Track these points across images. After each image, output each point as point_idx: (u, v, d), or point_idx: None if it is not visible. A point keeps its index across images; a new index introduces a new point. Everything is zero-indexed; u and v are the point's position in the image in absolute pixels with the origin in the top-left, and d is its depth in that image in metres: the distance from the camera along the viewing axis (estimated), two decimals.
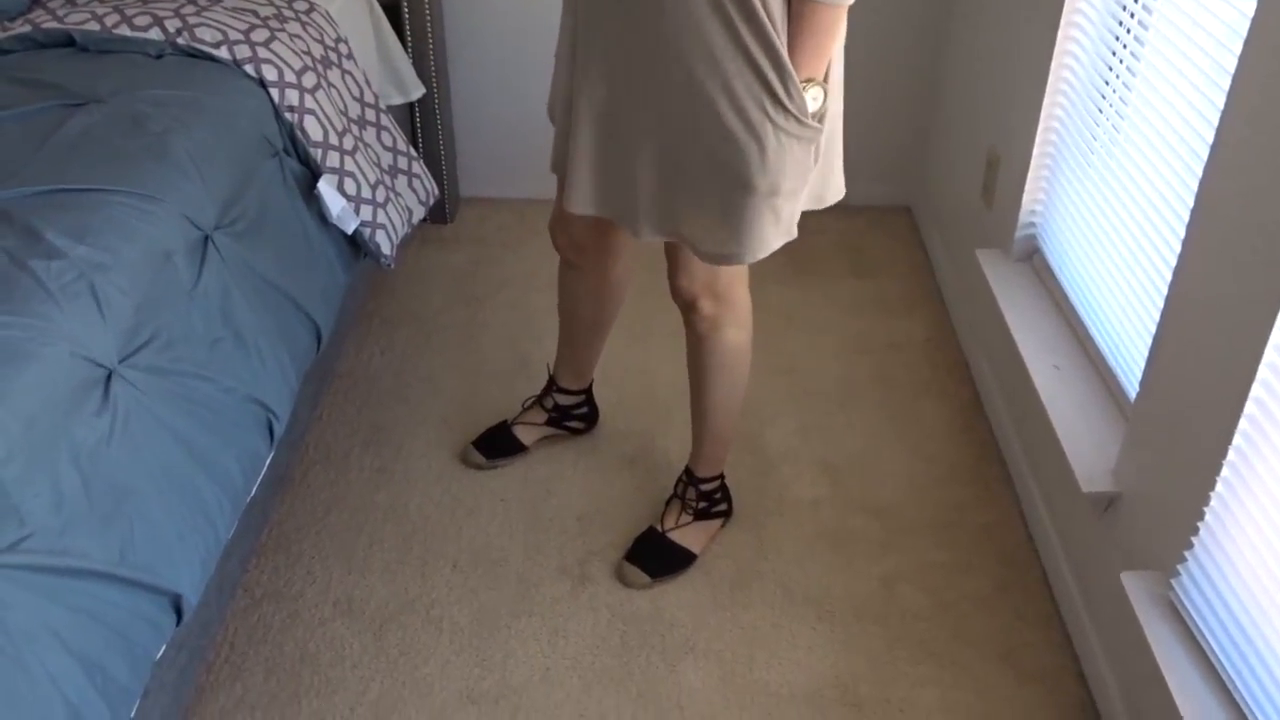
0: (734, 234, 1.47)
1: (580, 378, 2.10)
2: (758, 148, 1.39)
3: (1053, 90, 1.98)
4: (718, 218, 1.46)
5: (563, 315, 2.01)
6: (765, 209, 1.45)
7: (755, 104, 1.37)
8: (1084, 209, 1.89)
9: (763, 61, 1.35)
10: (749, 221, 1.46)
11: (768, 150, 1.39)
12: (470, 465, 2.08)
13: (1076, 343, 1.91)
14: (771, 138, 1.39)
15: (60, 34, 1.86)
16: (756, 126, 1.38)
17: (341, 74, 2.09)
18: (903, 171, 2.93)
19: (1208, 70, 1.48)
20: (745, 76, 1.36)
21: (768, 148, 1.39)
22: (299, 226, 1.86)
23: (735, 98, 1.36)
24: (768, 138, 1.39)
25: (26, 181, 1.46)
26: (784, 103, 1.37)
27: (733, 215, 1.45)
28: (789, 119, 1.39)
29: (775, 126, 1.39)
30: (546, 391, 2.11)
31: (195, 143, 1.65)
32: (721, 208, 1.45)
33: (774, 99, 1.37)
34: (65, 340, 1.27)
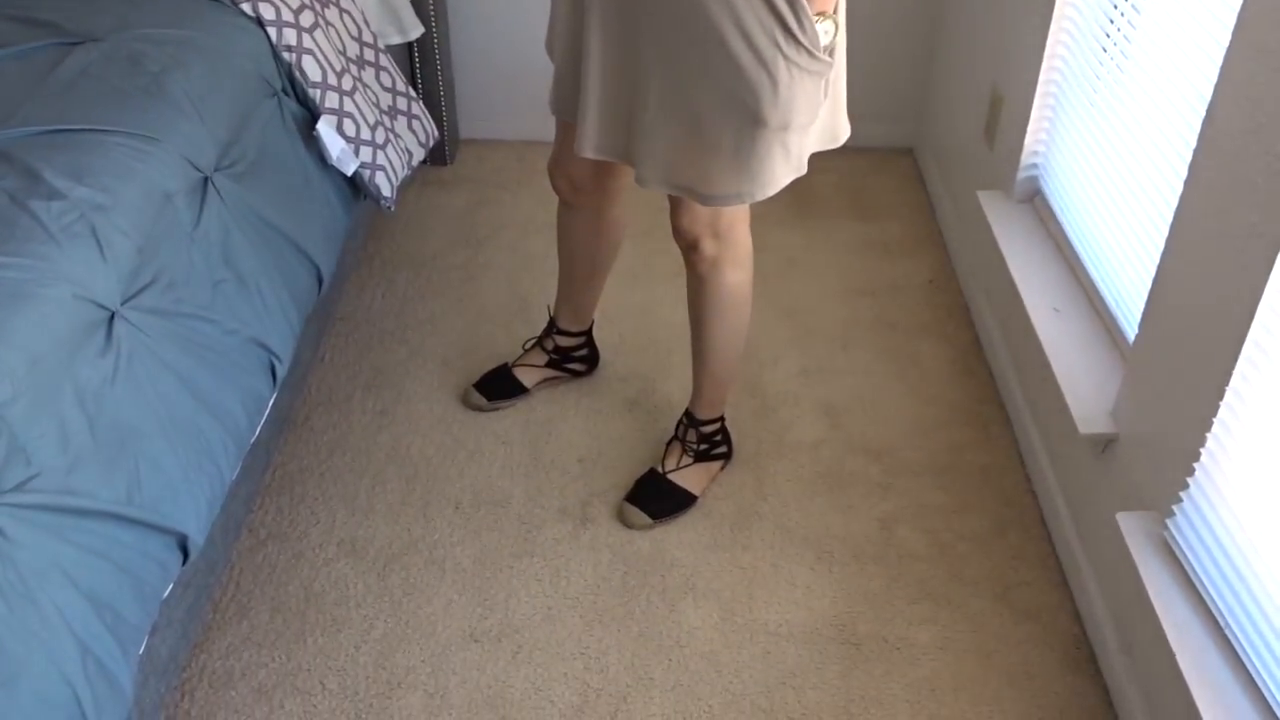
0: (745, 171, 1.46)
1: (580, 319, 2.10)
2: (770, 81, 1.38)
3: (1056, 30, 1.96)
4: (729, 156, 1.45)
5: (562, 256, 2.00)
6: (776, 144, 1.45)
7: (767, 37, 1.36)
8: (1086, 150, 1.88)
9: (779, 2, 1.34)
10: (760, 157, 1.45)
11: (779, 84, 1.39)
12: (471, 407, 2.09)
13: (1077, 285, 1.91)
14: (784, 71, 1.38)
15: None
16: (768, 60, 1.37)
17: (339, 13, 2.06)
18: (904, 113, 2.91)
19: (1211, 7, 1.46)
20: (757, 9, 1.35)
21: (779, 81, 1.38)
22: (299, 168, 1.85)
23: (746, 31, 1.35)
24: (779, 71, 1.38)
25: (25, 121, 1.45)
26: (796, 35, 1.36)
27: (744, 151, 1.44)
28: (801, 52, 1.38)
29: (787, 60, 1.38)
30: (547, 333, 2.11)
31: (193, 83, 1.64)
32: (734, 145, 1.44)
33: (786, 31, 1.36)
34: (67, 281, 1.27)
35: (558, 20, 1.61)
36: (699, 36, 1.38)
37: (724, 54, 1.37)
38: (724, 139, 1.44)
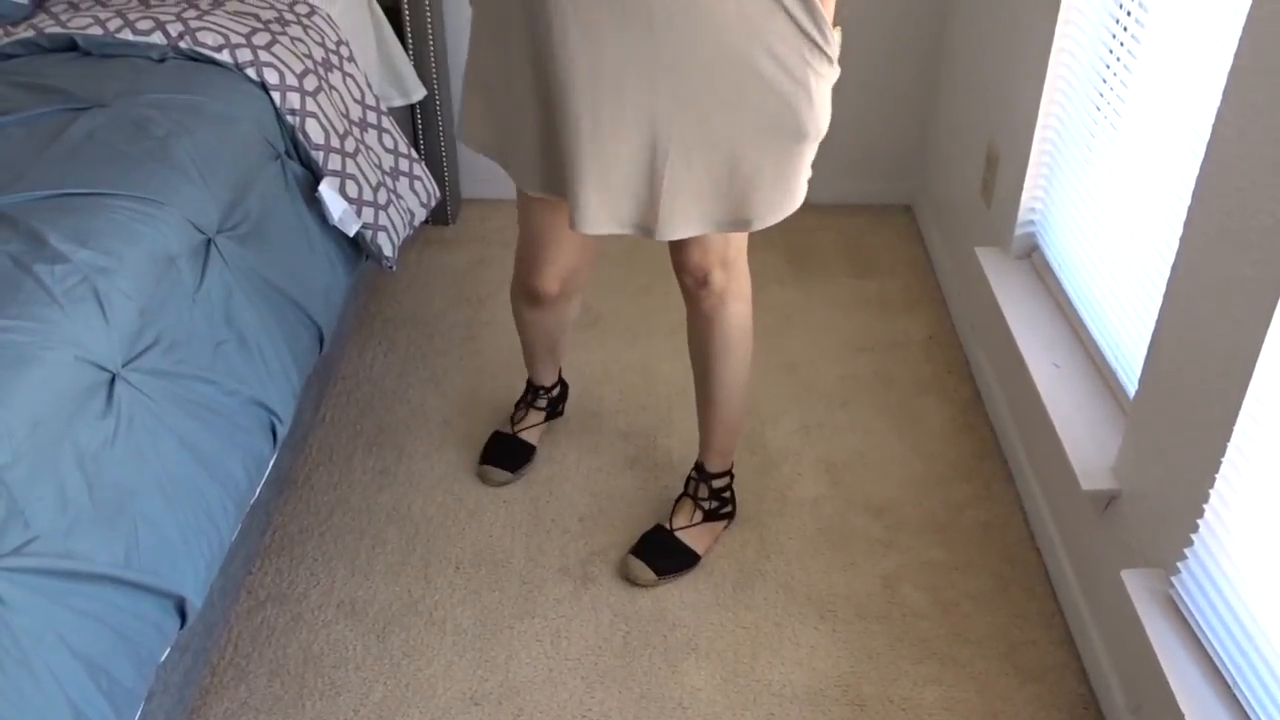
0: (786, 188, 1.50)
1: (556, 372, 2.13)
2: (806, 95, 1.42)
3: (1050, 88, 1.98)
4: (772, 179, 1.47)
5: (536, 343, 1.99)
6: (810, 155, 1.51)
7: (797, 56, 1.39)
8: (1082, 206, 1.90)
9: (799, 14, 1.37)
10: (799, 171, 1.50)
11: (814, 96, 1.43)
12: (495, 484, 2.06)
13: (1076, 340, 1.92)
14: (814, 82, 1.42)
15: (63, 38, 1.86)
16: (801, 77, 1.41)
17: (343, 76, 2.09)
18: (902, 169, 2.93)
19: (1203, 67, 1.49)
20: (785, 33, 1.37)
21: (813, 93, 1.43)
22: (301, 229, 1.87)
23: (777, 55, 1.38)
24: (811, 84, 1.42)
25: (31, 185, 1.47)
26: (822, 47, 1.41)
27: (786, 169, 1.48)
28: (824, 62, 1.42)
29: (815, 73, 1.42)
30: (535, 395, 2.12)
31: (198, 146, 1.66)
32: (775, 166, 1.47)
33: (813, 45, 1.40)
34: (69, 344, 1.28)
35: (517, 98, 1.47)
36: (729, 73, 1.38)
37: (760, 83, 1.39)
38: (766, 163, 1.46)
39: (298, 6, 2.10)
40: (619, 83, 1.37)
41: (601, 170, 1.44)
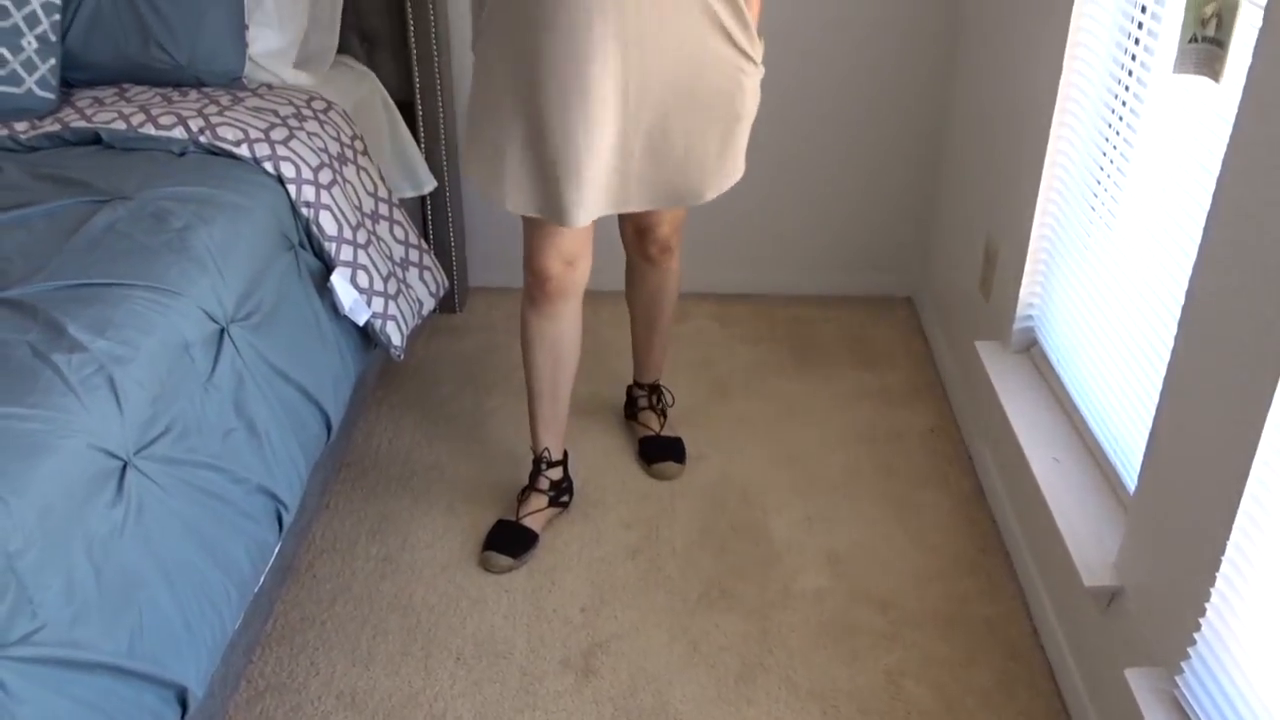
0: (735, 159, 1.89)
1: (560, 439, 2.16)
2: (739, 89, 1.82)
3: (1047, 186, 2.03)
4: (715, 158, 1.86)
5: (542, 372, 2.06)
6: (743, 135, 1.88)
7: (733, 64, 1.80)
8: (1080, 302, 1.93)
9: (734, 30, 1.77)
10: (738, 149, 1.89)
11: (745, 88, 1.83)
12: (498, 570, 2.06)
13: (1076, 435, 1.93)
14: (744, 80, 1.82)
15: (88, 132, 1.92)
16: (735, 76, 1.81)
17: (357, 170, 2.15)
18: (903, 262, 2.98)
19: (1196, 167, 1.53)
20: (723, 46, 1.77)
21: (745, 87, 1.83)
22: (312, 318, 1.90)
23: (719, 63, 1.78)
24: (743, 81, 1.82)
25: (53, 276, 1.51)
26: (751, 55, 1.82)
27: (728, 146, 1.86)
28: (752, 65, 1.83)
29: (745, 72, 1.82)
30: (538, 471, 2.14)
31: (215, 238, 1.70)
32: (719, 144, 1.85)
33: (744, 55, 1.81)
34: (83, 433, 1.30)
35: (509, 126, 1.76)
36: (682, 78, 1.76)
37: (706, 84, 1.78)
38: (711, 143, 1.83)
39: (315, 103, 2.17)
40: (601, 94, 1.71)
41: (589, 167, 1.76)
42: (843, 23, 2.65)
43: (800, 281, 3.00)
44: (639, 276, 2.22)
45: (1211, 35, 1.42)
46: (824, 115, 2.74)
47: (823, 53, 2.62)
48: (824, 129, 2.76)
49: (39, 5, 1.99)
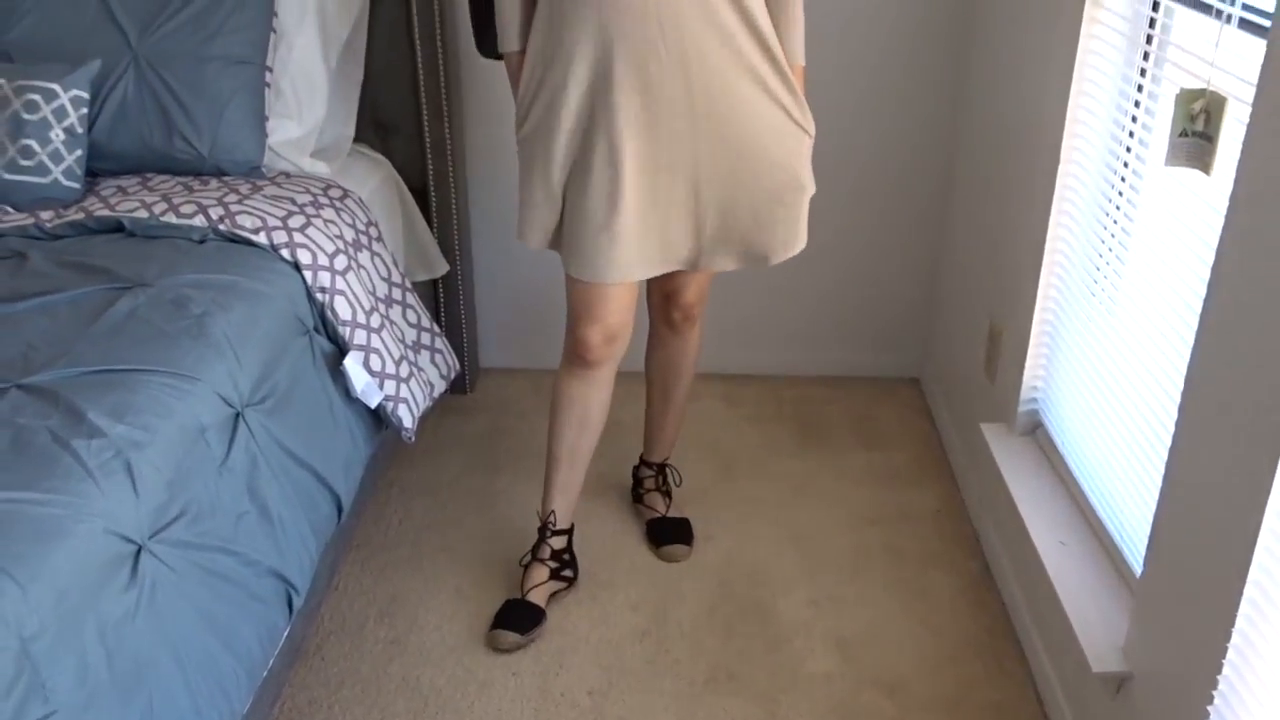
0: (799, 229, 1.97)
1: (570, 509, 2.19)
2: (800, 160, 1.92)
3: (1048, 270, 2.07)
4: (785, 220, 1.94)
5: (566, 436, 2.10)
6: (806, 203, 1.96)
7: (792, 136, 1.89)
8: (1083, 385, 1.95)
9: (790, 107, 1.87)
10: (801, 217, 1.97)
11: (804, 157, 1.92)
12: (504, 648, 2.06)
13: (1081, 518, 1.94)
14: (804, 148, 1.92)
15: (111, 220, 1.98)
16: (795, 149, 1.90)
17: (371, 256, 2.20)
18: (909, 343, 3.01)
19: (1191, 254, 1.56)
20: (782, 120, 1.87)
21: (803, 156, 1.92)
22: (325, 401, 1.93)
23: (779, 135, 1.88)
24: (802, 152, 1.92)
25: (74, 362, 1.54)
26: (805, 128, 1.91)
27: (793, 215, 1.95)
28: (806, 136, 1.92)
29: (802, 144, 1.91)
30: (542, 540, 2.16)
31: (232, 324, 1.74)
32: (785, 213, 1.93)
33: (799, 128, 1.90)
34: (100, 517, 1.33)
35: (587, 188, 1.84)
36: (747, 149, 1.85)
37: (768, 155, 1.87)
38: (778, 212, 1.92)
39: (331, 190, 2.23)
40: (670, 162, 1.83)
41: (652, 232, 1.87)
42: (846, 108, 2.72)
43: (807, 362, 3.03)
44: (660, 344, 2.27)
45: (1201, 130, 1.47)
46: (830, 198, 2.79)
47: (828, 137, 2.69)
48: (830, 212, 2.81)
49: (68, 99, 2.06)
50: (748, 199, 1.89)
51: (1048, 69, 2.04)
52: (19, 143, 2.03)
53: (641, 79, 1.76)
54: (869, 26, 2.64)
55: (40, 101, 2.04)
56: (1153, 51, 1.73)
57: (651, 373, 2.31)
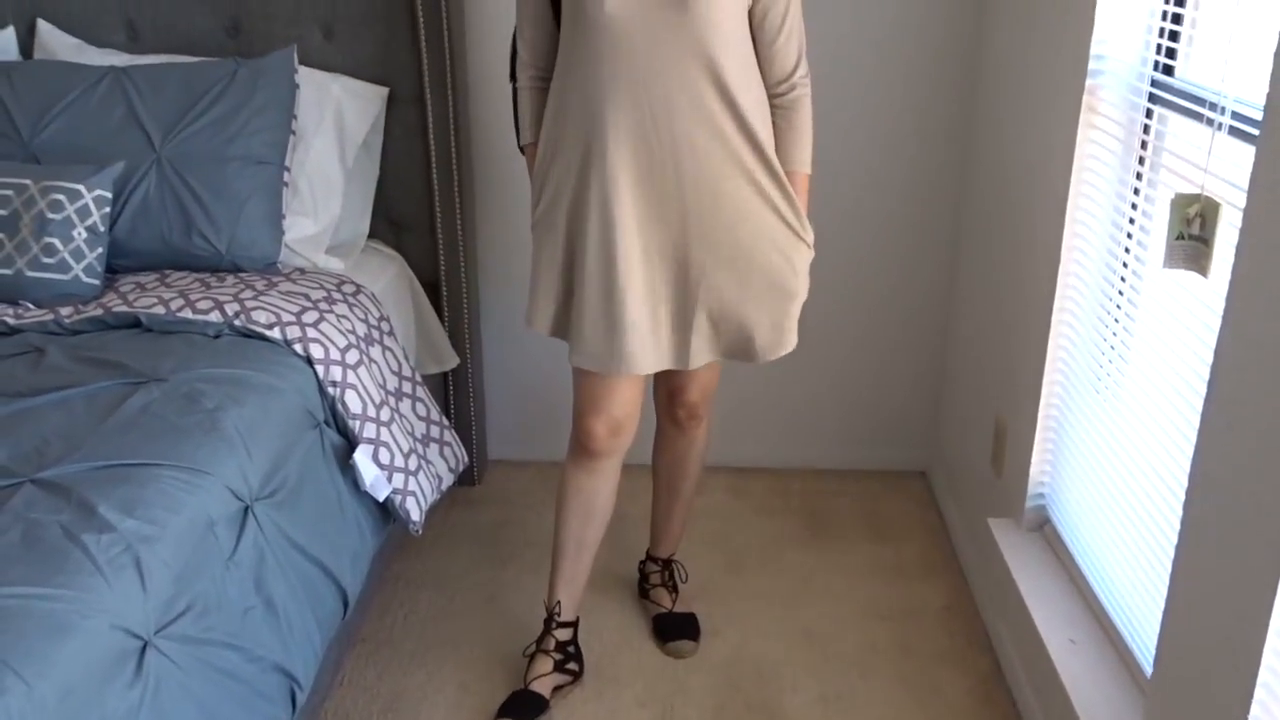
0: (783, 334, 1.98)
1: (576, 601, 2.18)
2: (791, 269, 1.94)
3: (1052, 367, 2.09)
4: (768, 329, 1.96)
5: (572, 528, 2.11)
6: (796, 310, 1.99)
7: (786, 242, 1.92)
8: (1089, 480, 1.96)
9: (786, 213, 1.91)
10: (790, 323, 1.99)
11: (797, 268, 1.95)
12: None
13: (1091, 616, 1.93)
14: (797, 260, 1.95)
15: (128, 316, 2.02)
16: (788, 255, 1.93)
17: (382, 350, 2.24)
18: (916, 437, 3.02)
19: (1191, 353, 1.58)
20: (777, 226, 1.91)
21: (797, 267, 1.95)
22: (333, 494, 1.95)
23: (773, 240, 1.91)
24: (795, 260, 1.94)
25: (88, 456, 1.57)
26: (802, 237, 1.95)
27: (781, 319, 1.96)
28: (803, 247, 1.96)
29: (797, 253, 1.94)
30: (548, 631, 2.15)
31: (244, 418, 1.76)
32: (771, 316, 1.95)
33: (796, 236, 1.94)
34: (107, 612, 1.34)
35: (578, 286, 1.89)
36: (739, 251, 1.89)
37: (759, 258, 1.91)
38: (764, 314, 1.94)
39: (345, 286, 2.27)
40: (663, 260, 1.88)
41: (648, 324, 1.90)
42: (851, 202, 2.77)
43: (815, 455, 3.04)
44: (667, 442, 2.27)
45: (1197, 234, 1.50)
46: (836, 291, 2.83)
47: (834, 230, 2.74)
48: (836, 304, 2.85)
49: (92, 199, 2.12)
50: (734, 298, 1.91)
51: (1047, 171, 2.09)
52: (42, 241, 2.08)
53: (635, 171, 1.81)
54: (873, 122, 2.71)
55: (65, 201, 2.10)
56: (1148, 157, 1.78)
57: (658, 469, 2.32)
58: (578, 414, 2.03)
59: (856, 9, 2.60)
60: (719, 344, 1.96)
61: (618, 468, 2.11)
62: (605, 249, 1.85)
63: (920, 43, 2.63)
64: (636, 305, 1.87)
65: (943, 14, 2.60)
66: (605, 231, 1.84)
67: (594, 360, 1.91)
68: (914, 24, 2.61)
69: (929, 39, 2.63)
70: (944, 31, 2.62)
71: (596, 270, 1.87)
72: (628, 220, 1.84)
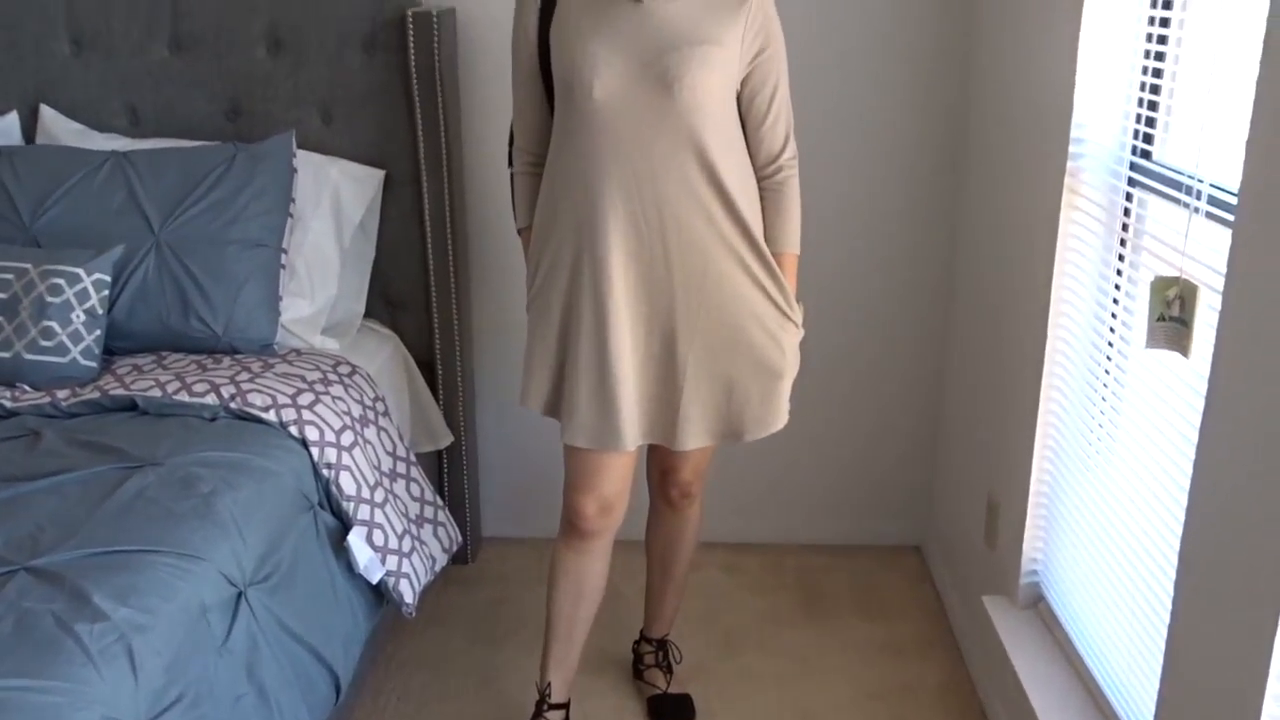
0: (772, 412, 1.99)
1: (569, 681, 2.16)
2: (778, 348, 1.96)
3: (1041, 444, 2.10)
4: (757, 405, 1.97)
5: (563, 609, 2.11)
6: (785, 389, 2.00)
7: (774, 321, 1.95)
8: (1082, 558, 1.96)
9: (774, 293, 1.93)
10: (779, 402, 2.00)
11: (785, 348, 1.97)
12: None
13: (1088, 695, 1.92)
14: (784, 339, 1.96)
15: (125, 399, 2.03)
16: (775, 334, 1.95)
17: (377, 431, 2.25)
18: (910, 511, 3.02)
19: (1177, 432, 1.60)
20: (764, 305, 1.93)
21: (784, 346, 1.97)
22: (326, 577, 1.95)
23: (760, 319, 1.93)
24: (783, 340, 1.96)
25: (82, 543, 1.57)
26: (790, 316, 1.97)
27: (769, 397, 1.98)
28: (791, 326, 1.98)
29: (785, 332, 1.96)
30: (539, 715, 2.14)
31: (239, 502, 1.77)
32: (759, 396, 1.97)
33: (784, 316, 1.96)
34: (98, 704, 1.33)
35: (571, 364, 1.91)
36: (727, 328, 1.91)
37: (747, 336, 1.93)
38: (753, 392, 1.95)
39: (341, 367, 2.29)
40: (654, 339, 1.90)
41: (637, 397, 1.92)
42: (843, 285, 2.81)
43: (808, 530, 3.03)
44: (659, 520, 2.27)
45: (1177, 315, 1.53)
46: (830, 368, 2.85)
47: (825, 313, 2.77)
48: (829, 380, 2.87)
49: (91, 283, 2.15)
50: (724, 375, 1.93)
51: (1032, 251, 2.12)
52: (41, 324, 2.10)
53: (625, 252, 1.85)
54: (861, 201, 2.76)
55: (64, 285, 2.13)
56: (1129, 238, 1.81)
57: (651, 548, 2.32)
58: (568, 493, 2.04)
59: (843, 91, 2.66)
60: (710, 423, 1.97)
61: (608, 547, 2.11)
62: (598, 328, 1.88)
63: (907, 123, 2.69)
64: (628, 383, 1.89)
65: (928, 94, 2.66)
66: (597, 311, 1.87)
67: (586, 436, 1.92)
68: (900, 105, 2.67)
69: (916, 119, 2.69)
70: (930, 112, 2.68)
71: (589, 349, 1.89)
72: (619, 300, 1.86)
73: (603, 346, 1.88)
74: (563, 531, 2.08)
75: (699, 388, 1.93)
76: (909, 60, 2.64)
